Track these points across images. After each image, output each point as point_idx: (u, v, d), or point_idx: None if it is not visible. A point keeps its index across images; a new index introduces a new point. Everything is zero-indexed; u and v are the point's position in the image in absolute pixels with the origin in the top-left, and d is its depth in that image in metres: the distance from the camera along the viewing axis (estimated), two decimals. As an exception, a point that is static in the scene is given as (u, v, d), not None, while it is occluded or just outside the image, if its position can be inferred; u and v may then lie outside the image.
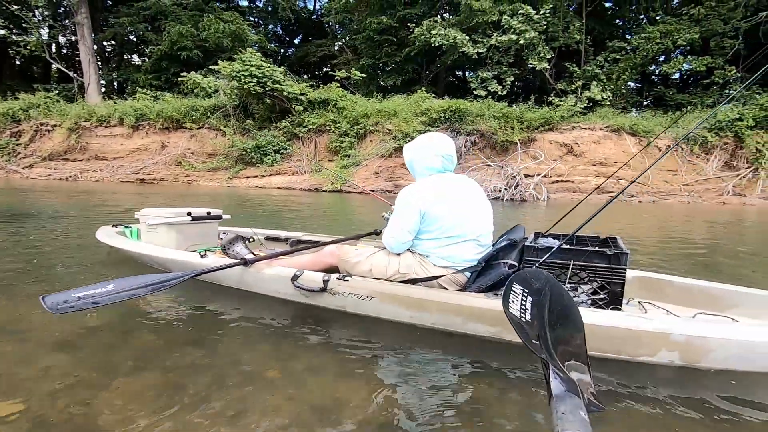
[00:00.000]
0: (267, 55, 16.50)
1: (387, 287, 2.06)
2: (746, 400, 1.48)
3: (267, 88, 13.00)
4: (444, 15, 16.99)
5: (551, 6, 13.52)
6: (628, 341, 1.65)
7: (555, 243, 2.03)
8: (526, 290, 1.21)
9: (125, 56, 25.48)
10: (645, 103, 16.34)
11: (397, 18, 17.53)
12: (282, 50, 28.96)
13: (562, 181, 10.85)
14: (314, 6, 31.00)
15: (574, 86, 13.96)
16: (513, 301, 1.20)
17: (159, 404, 1.34)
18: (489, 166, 11.25)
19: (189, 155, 14.37)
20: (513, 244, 2.04)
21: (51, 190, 10.60)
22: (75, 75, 19.78)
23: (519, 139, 11.29)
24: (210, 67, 13.92)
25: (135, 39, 23.34)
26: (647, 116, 12.78)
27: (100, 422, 1.26)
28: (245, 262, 2.30)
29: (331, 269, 2.30)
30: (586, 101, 13.12)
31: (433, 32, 14.79)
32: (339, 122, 13.10)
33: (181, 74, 15.02)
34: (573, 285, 1.93)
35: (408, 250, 2.18)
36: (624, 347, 1.66)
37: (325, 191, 11.72)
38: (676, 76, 16.69)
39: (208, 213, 3.16)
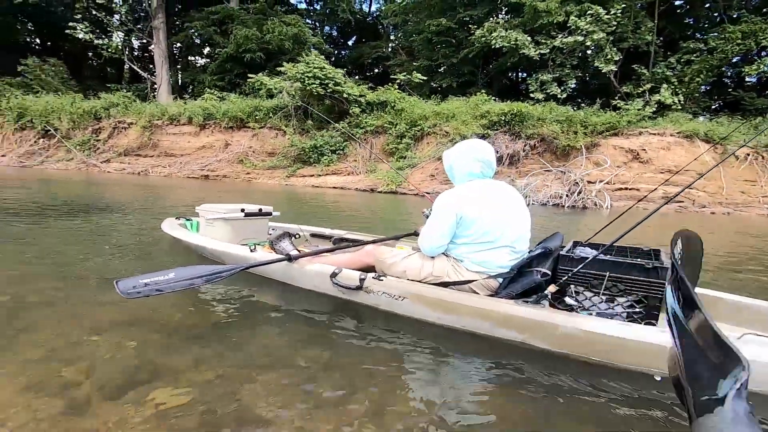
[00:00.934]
0: (323, 57, 16.76)
1: (418, 289, 2.12)
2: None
3: (328, 90, 13.25)
4: (505, 17, 16.59)
5: (623, 5, 12.86)
6: (659, 356, 1.60)
7: (591, 253, 2.02)
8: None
9: (188, 58, 26.90)
10: (713, 107, 15.26)
11: (456, 20, 17.34)
12: (336, 52, 29.50)
13: (626, 188, 10.31)
14: (369, 8, 31.38)
15: (641, 89, 13.23)
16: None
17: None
18: (549, 171, 10.88)
19: (250, 153, 14.88)
20: (548, 253, 2.03)
21: (124, 184, 11.32)
22: (147, 76, 21.02)
23: (583, 144, 10.85)
24: (277, 68, 14.31)
25: (198, 42, 24.58)
26: (722, 122, 11.91)
27: (257, 411, 1.37)
28: (290, 258, 2.45)
29: (369, 268, 2.38)
30: (655, 105, 12.40)
31: (494, 34, 14.49)
32: (397, 124, 13.13)
33: (248, 76, 15.56)
34: (609, 296, 1.91)
35: (443, 253, 2.21)
36: (655, 362, 1.63)
37: (380, 192, 11.78)
38: (753, 78, 15.45)
39: (260, 210, 3.32)
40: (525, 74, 20.51)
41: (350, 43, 31.11)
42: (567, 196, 9.71)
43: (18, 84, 17.99)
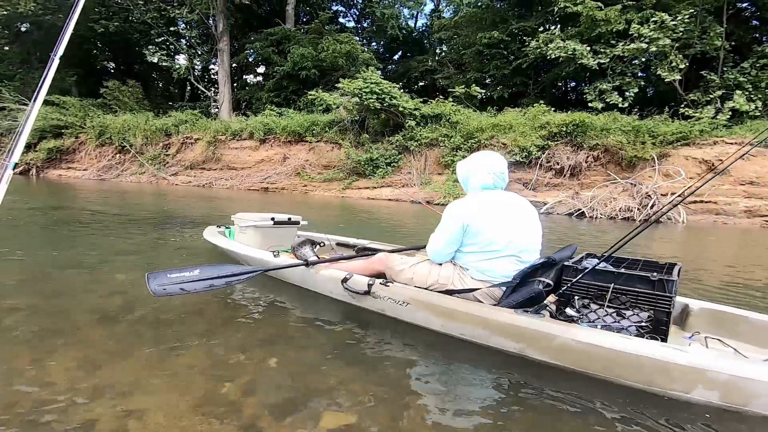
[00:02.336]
0: (379, 73, 16.74)
1: (421, 295, 2.13)
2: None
3: (385, 104, 13.17)
4: (560, 27, 15.98)
5: (690, 11, 12.04)
6: (660, 373, 1.53)
7: (601, 265, 1.92)
8: None
9: (243, 77, 27.78)
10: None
11: (508, 32, 16.90)
12: (384, 66, 29.64)
13: (701, 201, 9.50)
14: (415, 24, 31.37)
15: (710, 96, 12.27)
16: None
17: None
18: (615, 183, 10.22)
19: (307, 166, 15.00)
20: (552, 263, 1.99)
21: (190, 196, 11.71)
22: (211, 94, 21.83)
23: (656, 155, 10.11)
24: (336, 85, 14.41)
25: (251, 60, 25.29)
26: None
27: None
28: (307, 264, 2.55)
29: (382, 275, 2.41)
30: (729, 112, 11.44)
31: (551, 45, 13.95)
32: (452, 136, 12.83)
33: (305, 92, 15.77)
34: (617, 310, 1.83)
35: (450, 261, 2.22)
36: (656, 379, 1.54)
37: (437, 204, 11.49)
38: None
39: (289, 219, 3.46)
40: (575, 83, 19.77)
41: (395, 57, 31.18)
42: (638, 209, 9.04)
43: (98, 105, 19.12)
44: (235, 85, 27.21)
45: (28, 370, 1.59)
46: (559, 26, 16.13)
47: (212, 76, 28.97)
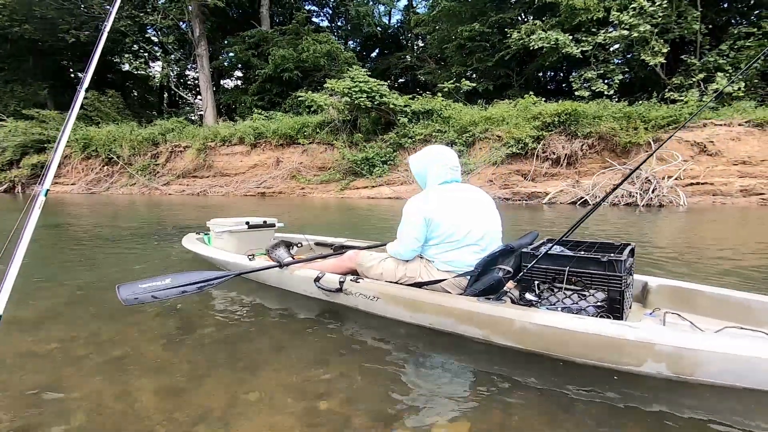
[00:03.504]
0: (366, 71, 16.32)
1: (390, 289, 2.16)
2: (743, 419, 1.32)
3: (375, 102, 12.80)
4: (538, 17, 15.83)
5: (668, -4, 12.04)
6: (614, 350, 1.57)
7: (557, 249, 1.97)
8: None
9: (221, 81, 26.83)
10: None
11: (488, 23, 16.67)
12: (362, 65, 29.13)
13: (698, 183, 9.54)
14: (389, 20, 30.87)
15: (693, 80, 12.36)
16: None
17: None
18: (612, 169, 10.17)
19: (302, 169, 14.54)
20: (510, 250, 2.02)
21: (185, 205, 11.21)
22: (195, 100, 20.98)
23: (651, 139, 10.10)
24: (324, 85, 13.95)
25: (227, 64, 24.35)
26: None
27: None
28: (281, 265, 2.55)
29: (353, 272, 2.43)
30: (713, 95, 11.54)
31: (533, 36, 13.80)
32: (446, 131, 12.59)
33: (298, 94, 15.23)
34: (574, 291, 1.87)
35: (417, 255, 2.24)
36: (610, 356, 1.59)
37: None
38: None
39: (264, 222, 3.46)
40: (554, 73, 19.77)
41: (372, 55, 30.66)
42: (639, 194, 9.00)
43: (79, 116, 18.09)
44: (213, 90, 26.31)
45: (116, 404, 1.48)
46: (536, 17, 15.97)
47: (189, 82, 27.92)
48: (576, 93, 13.42)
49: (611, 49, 13.52)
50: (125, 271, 3.48)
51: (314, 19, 28.46)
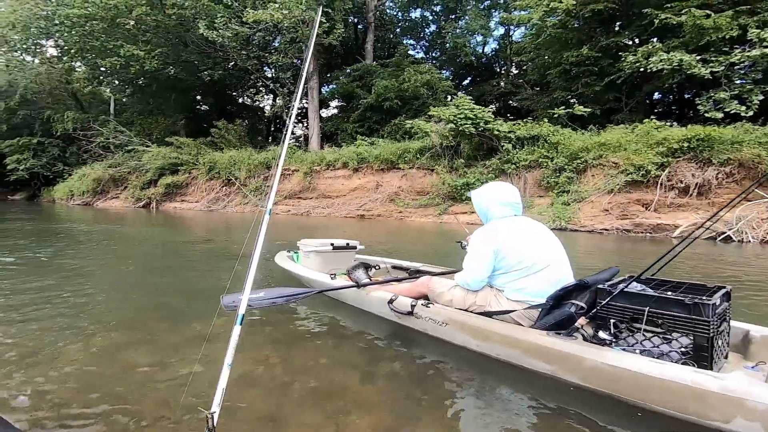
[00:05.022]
0: (471, 98, 16.28)
1: (459, 316, 2.16)
2: None
3: (479, 129, 12.62)
4: (658, 39, 14.63)
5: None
6: (692, 400, 1.40)
7: (637, 288, 1.84)
8: None
9: (320, 111, 28.61)
10: None
11: (598, 48, 15.78)
12: (456, 93, 29.26)
13: None
14: (483, 49, 30.80)
15: None
16: None
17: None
18: (758, 202, 8.75)
19: (400, 193, 14.70)
20: (585, 285, 1.94)
21: (289, 225, 11.81)
22: (303, 129, 22.55)
23: (812, 169, 8.60)
24: (427, 112, 14.16)
25: (326, 96, 25.89)
26: None
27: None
28: (358, 285, 2.69)
29: (426, 297, 2.44)
30: None
31: (652, 59, 12.71)
32: (553, 157, 11.94)
33: (406, 122, 15.65)
34: (654, 334, 1.71)
35: (486, 284, 2.20)
36: (688, 406, 1.42)
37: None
38: None
39: (347, 244, 3.56)
40: (675, 95, 17.99)
41: (465, 83, 30.68)
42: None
43: (207, 143, 20.38)
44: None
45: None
46: (656, 38, 14.76)
47: (296, 112, 30.24)
48: (707, 115, 11.97)
49: (748, 68, 11.94)
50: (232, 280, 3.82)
51: (410, 52, 29.47)
